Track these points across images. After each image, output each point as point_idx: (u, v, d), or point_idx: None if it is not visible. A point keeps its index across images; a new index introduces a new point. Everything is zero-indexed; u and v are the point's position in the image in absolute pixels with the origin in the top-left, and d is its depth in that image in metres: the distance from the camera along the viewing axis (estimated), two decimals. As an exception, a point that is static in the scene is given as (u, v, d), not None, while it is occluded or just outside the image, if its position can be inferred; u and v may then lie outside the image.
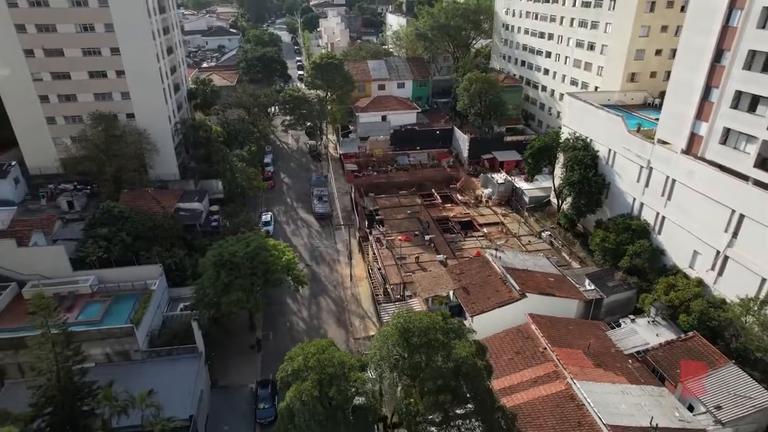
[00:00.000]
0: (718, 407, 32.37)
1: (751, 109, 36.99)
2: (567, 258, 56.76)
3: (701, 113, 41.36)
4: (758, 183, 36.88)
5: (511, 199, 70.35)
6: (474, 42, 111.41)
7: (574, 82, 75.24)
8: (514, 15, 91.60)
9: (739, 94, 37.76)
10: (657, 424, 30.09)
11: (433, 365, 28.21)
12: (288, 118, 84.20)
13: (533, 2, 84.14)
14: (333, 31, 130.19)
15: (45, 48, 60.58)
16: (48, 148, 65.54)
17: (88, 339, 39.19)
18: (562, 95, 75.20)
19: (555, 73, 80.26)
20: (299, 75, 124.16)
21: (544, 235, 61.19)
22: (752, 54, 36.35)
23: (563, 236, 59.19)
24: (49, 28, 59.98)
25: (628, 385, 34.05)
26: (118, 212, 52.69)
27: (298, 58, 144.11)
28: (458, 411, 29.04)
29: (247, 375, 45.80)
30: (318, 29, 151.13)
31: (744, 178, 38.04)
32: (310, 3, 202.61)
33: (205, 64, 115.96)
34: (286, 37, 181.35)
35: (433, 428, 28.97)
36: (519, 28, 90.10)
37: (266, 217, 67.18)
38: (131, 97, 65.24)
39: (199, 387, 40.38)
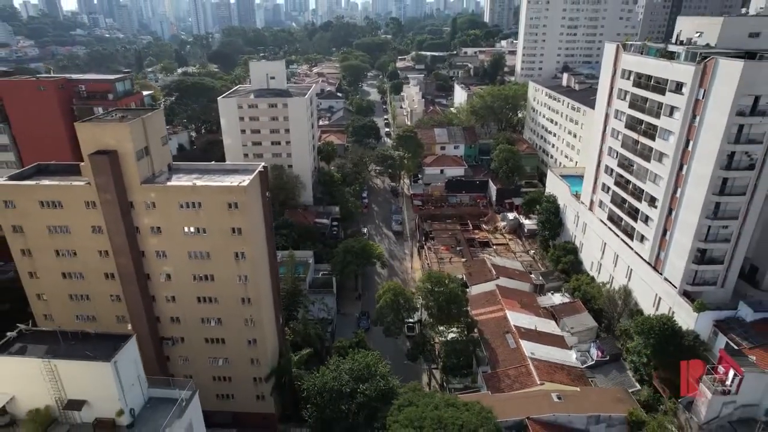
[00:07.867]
0: (572, 327, 71.26)
1: (605, 191, 75.97)
2: (539, 265, 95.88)
3: (594, 189, 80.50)
4: (609, 228, 75.65)
5: (517, 229, 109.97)
6: (517, 113, 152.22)
7: (566, 156, 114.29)
8: (537, 102, 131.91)
9: (603, 183, 76.85)
10: (537, 328, 69.57)
11: (441, 292, 69.71)
12: (378, 167, 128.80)
13: (547, 98, 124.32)
14: (413, 98, 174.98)
15: (251, 129, 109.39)
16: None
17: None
18: (560, 163, 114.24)
19: (557, 147, 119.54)
20: (386, 131, 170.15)
21: (531, 252, 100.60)
22: (605, 165, 75.56)
23: (540, 253, 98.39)
24: (255, 118, 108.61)
25: (534, 317, 73.38)
26: (290, 222, 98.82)
27: (385, 117, 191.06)
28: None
29: (353, 309, 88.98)
30: (401, 93, 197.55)
31: (605, 225, 76.80)
32: (397, 65, 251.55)
33: (320, 122, 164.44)
34: (375, 95, 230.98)
35: (441, 325, 70.21)
36: (540, 112, 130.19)
37: (364, 230, 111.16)
38: (292, 156, 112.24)
39: (334, 309, 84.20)
